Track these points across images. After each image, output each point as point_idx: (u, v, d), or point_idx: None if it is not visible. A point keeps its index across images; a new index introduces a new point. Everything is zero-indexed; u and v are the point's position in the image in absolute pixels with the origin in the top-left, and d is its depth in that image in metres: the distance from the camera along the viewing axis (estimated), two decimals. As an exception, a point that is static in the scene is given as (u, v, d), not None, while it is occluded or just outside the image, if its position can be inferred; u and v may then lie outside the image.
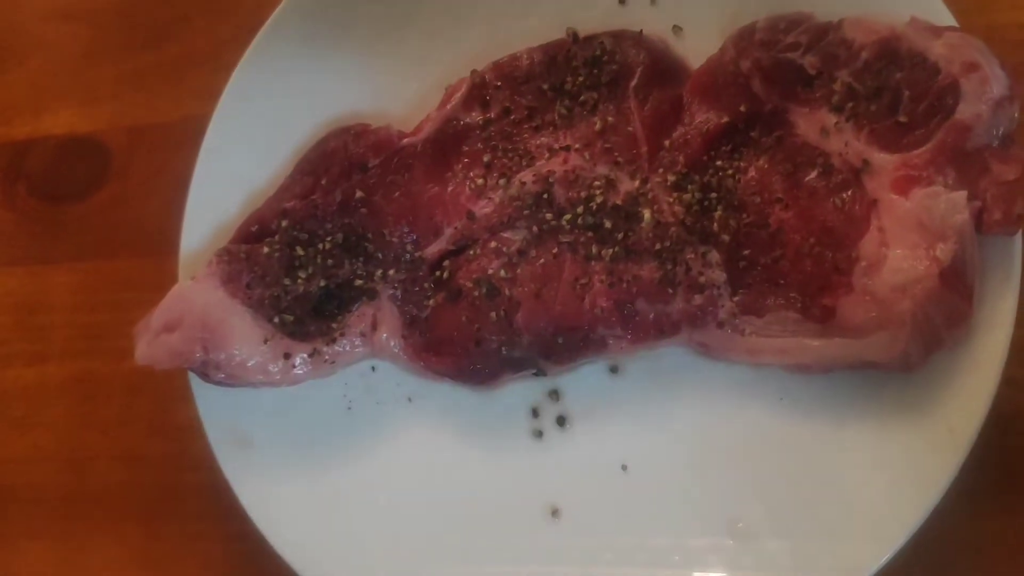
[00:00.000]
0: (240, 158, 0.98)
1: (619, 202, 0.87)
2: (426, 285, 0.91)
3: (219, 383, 0.89)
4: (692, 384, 0.88)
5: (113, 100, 1.15)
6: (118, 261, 1.12)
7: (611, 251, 0.86)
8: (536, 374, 0.90)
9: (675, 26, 0.93)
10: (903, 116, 0.78)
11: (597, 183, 0.88)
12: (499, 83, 0.93)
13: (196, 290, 0.89)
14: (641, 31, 0.91)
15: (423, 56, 0.98)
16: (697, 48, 0.91)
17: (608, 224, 0.86)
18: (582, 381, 0.90)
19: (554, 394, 0.91)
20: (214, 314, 0.88)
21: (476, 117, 0.93)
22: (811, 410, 0.84)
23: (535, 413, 0.91)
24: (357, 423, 0.93)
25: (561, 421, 0.90)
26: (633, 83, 0.89)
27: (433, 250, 0.91)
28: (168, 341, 0.87)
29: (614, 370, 0.90)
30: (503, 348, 0.88)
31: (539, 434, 0.90)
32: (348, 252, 0.91)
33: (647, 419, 0.88)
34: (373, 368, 0.95)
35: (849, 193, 0.81)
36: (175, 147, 1.10)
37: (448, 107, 0.93)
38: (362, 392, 0.94)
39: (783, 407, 0.85)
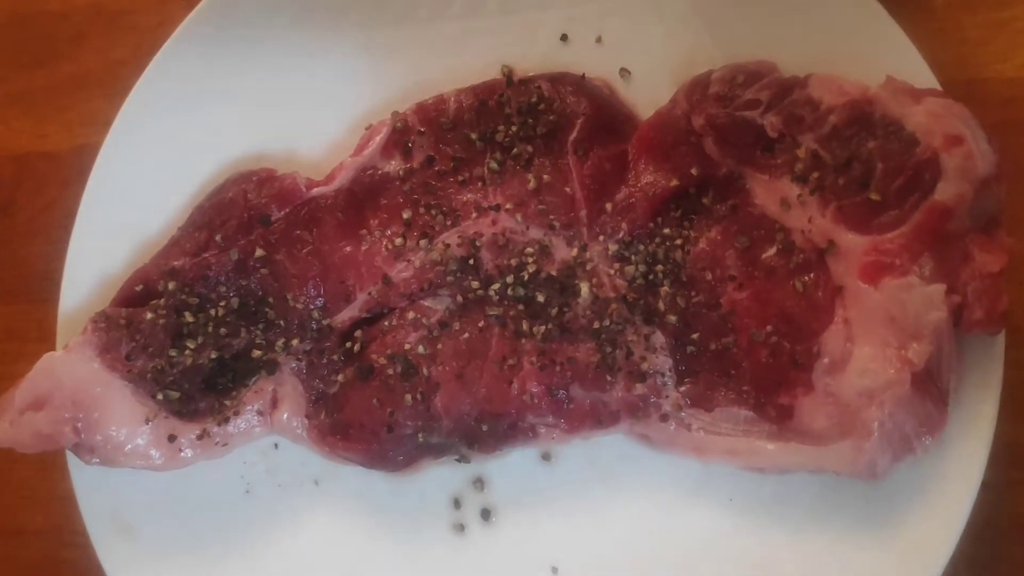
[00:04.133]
0: (131, 200, 0.87)
1: (554, 272, 0.77)
2: (335, 357, 0.80)
3: (95, 465, 0.78)
4: (633, 477, 0.79)
5: (-3, 125, 1.02)
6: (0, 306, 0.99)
7: (543, 328, 0.76)
8: (459, 460, 0.80)
9: (622, 69, 0.82)
10: (875, 193, 0.68)
11: (530, 249, 0.77)
12: (423, 128, 0.82)
13: (67, 362, 0.77)
14: (583, 75, 0.80)
15: (340, 92, 0.87)
16: (646, 95, 0.82)
17: (541, 297, 0.76)
18: (510, 469, 0.81)
19: (478, 483, 0.81)
20: (88, 390, 0.77)
21: (396, 166, 0.82)
22: (764, 515, 0.75)
23: (457, 504, 0.81)
24: (256, 509, 0.83)
25: (486, 514, 0.80)
26: (572, 136, 0.79)
27: (343, 318, 0.80)
28: (34, 421, 0.76)
29: (546, 457, 0.81)
30: (420, 434, 0.77)
31: (460, 528, 0.81)
32: (245, 319, 0.80)
33: (582, 515, 0.79)
34: (276, 445, 0.84)
35: (811, 276, 0.71)
36: (64, 181, 0.99)
37: (365, 153, 0.82)
38: (262, 473, 0.84)
39: (733, 509, 0.76)
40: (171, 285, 0.79)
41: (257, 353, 0.80)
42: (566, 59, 0.83)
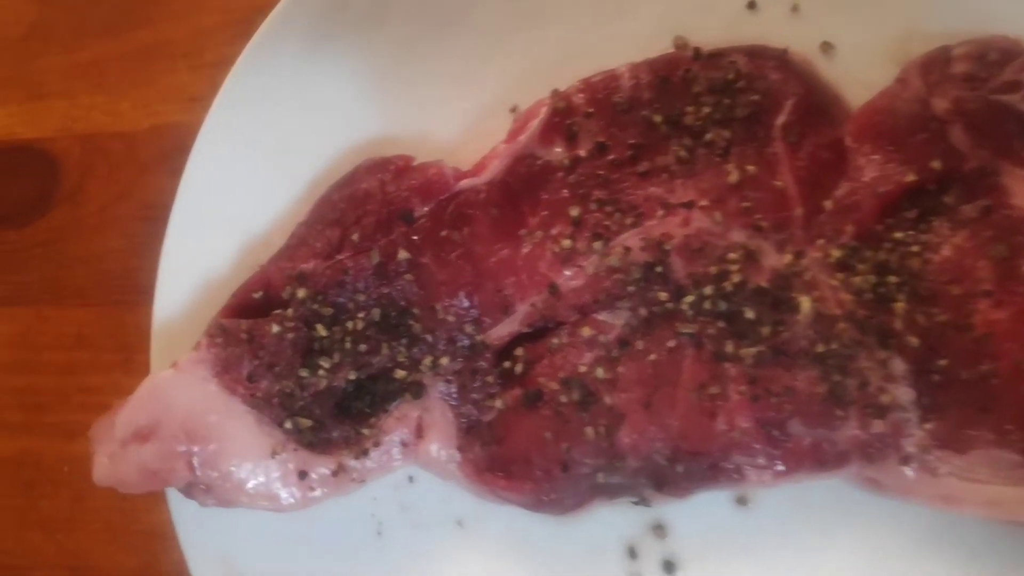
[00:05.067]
0: (235, 189, 0.75)
1: (764, 283, 0.64)
2: (490, 379, 0.68)
3: (210, 506, 0.66)
4: (851, 526, 0.67)
5: (63, 99, 0.89)
6: (67, 309, 0.87)
7: (754, 351, 0.63)
8: (637, 502, 0.68)
9: (824, 42, 0.69)
10: None
11: (732, 255, 0.65)
12: (591, 109, 0.69)
13: (179, 384, 0.66)
14: (786, 50, 0.68)
15: (480, 63, 0.74)
16: (853, 74, 0.69)
17: (749, 313, 0.64)
18: (697, 513, 0.69)
19: (659, 529, 0.70)
20: (204, 418, 0.65)
21: (560, 154, 0.69)
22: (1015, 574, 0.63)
23: (632, 553, 0.70)
24: (389, 554, 0.72)
25: (668, 567, 0.69)
26: (781, 120, 0.66)
27: (501, 333, 0.68)
28: (140, 455, 0.65)
29: (741, 501, 0.69)
30: (599, 474, 0.65)
31: (636, 581, 0.69)
32: (387, 333, 0.68)
33: (785, 570, 0.67)
34: (411, 479, 0.72)
35: (1096, 292, 0.59)
36: (142, 166, 0.87)
37: (520, 139, 0.70)
38: (396, 511, 0.73)
39: (975, 566, 0.64)
40: (301, 292, 0.67)
41: (400, 373, 0.67)
42: (752, 30, 0.71)
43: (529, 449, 0.66)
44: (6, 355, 0.88)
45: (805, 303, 0.63)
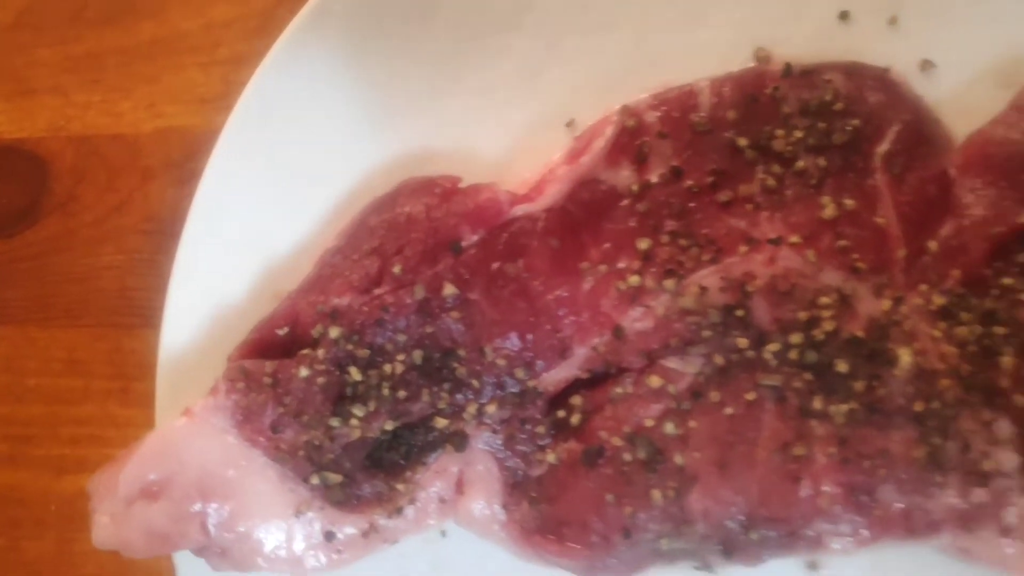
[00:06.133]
0: (257, 206, 0.67)
1: (859, 332, 0.57)
2: (541, 430, 0.61)
3: (226, 571, 0.58)
4: (930, 596, 0.60)
5: (55, 95, 0.80)
6: (56, 330, 0.79)
7: (845, 408, 0.57)
8: (699, 567, 0.61)
9: (925, 60, 0.62)
10: None
11: (825, 299, 0.58)
12: (665, 129, 0.62)
13: (193, 435, 0.59)
14: (888, 68, 0.61)
15: (534, 71, 0.66)
16: (956, 98, 0.62)
17: (842, 366, 0.57)
18: (765, 577, 0.61)
19: (723, 595, 0.62)
20: (220, 473, 0.59)
21: (627, 179, 0.62)
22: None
23: (692, 619, 0.62)
24: (419, 616, 0.64)
25: (732, 636, 0.61)
26: (883, 148, 0.59)
27: (556, 379, 0.61)
28: (147, 516, 0.57)
29: (812, 566, 0.61)
30: (663, 540, 0.58)
31: (699, 652, 0.62)
32: (428, 377, 0.60)
33: (857, 643, 0.60)
34: (443, 533, 0.65)
35: None
36: (144, 173, 0.79)
37: (583, 160, 0.63)
38: (426, 568, 0.66)
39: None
40: (334, 331, 0.59)
41: (441, 422, 0.60)
42: (843, 43, 0.64)
43: (586, 511, 0.59)
44: (-12, 378, 0.79)
45: (905, 356, 0.56)
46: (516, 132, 0.67)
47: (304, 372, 0.58)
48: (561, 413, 0.61)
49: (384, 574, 0.65)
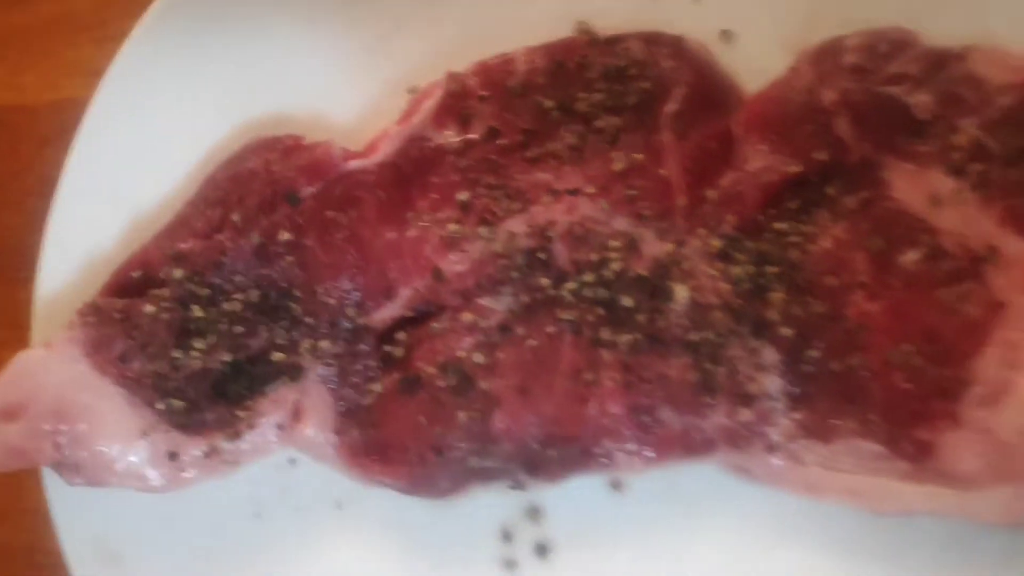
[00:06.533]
0: (125, 165, 0.73)
1: (643, 271, 0.64)
2: (371, 363, 0.67)
3: (79, 485, 0.64)
4: (721, 513, 0.67)
5: (-40, 70, 0.87)
6: (-42, 284, 0.84)
7: (630, 338, 0.63)
8: (512, 487, 0.68)
9: (724, 30, 0.69)
10: (1055, 192, 0.57)
11: (614, 243, 0.65)
12: (486, 93, 0.69)
13: (49, 363, 0.64)
14: (682, 36, 0.68)
15: (379, 45, 0.73)
16: (751, 62, 0.69)
17: (627, 301, 0.64)
18: (572, 497, 0.68)
19: (534, 512, 0.69)
20: (73, 397, 0.64)
21: (452, 138, 0.69)
22: (878, 563, 0.64)
23: (507, 536, 0.69)
24: (267, 535, 0.71)
25: (541, 550, 0.68)
26: (669, 108, 0.66)
27: (383, 316, 0.68)
28: (6, 434, 0.63)
29: (616, 485, 0.69)
30: (473, 458, 0.65)
31: (511, 565, 0.69)
32: (265, 315, 0.67)
33: (656, 555, 0.67)
34: (292, 461, 0.72)
35: (964, 288, 0.60)
36: (42, 140, 0.84)
37: (413, 120, 0.69)
38: (275, 493, 0.71)
39: (839, 553, 0.65)
40: (177, 272, 0.66)
41: (278, 356, 0.67)
42: (655, 16, 0.70)
43: (405, 434, 0.65)
44: None
45: (682, 292, 0.63)
46: (364, 99, 0.74)
47: (150, 309, 0.65)
48: (388, 348, 0.68)
49: (238, 498, 0.71)
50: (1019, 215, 0.58)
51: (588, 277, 0.64)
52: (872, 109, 0.62)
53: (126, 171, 0.73)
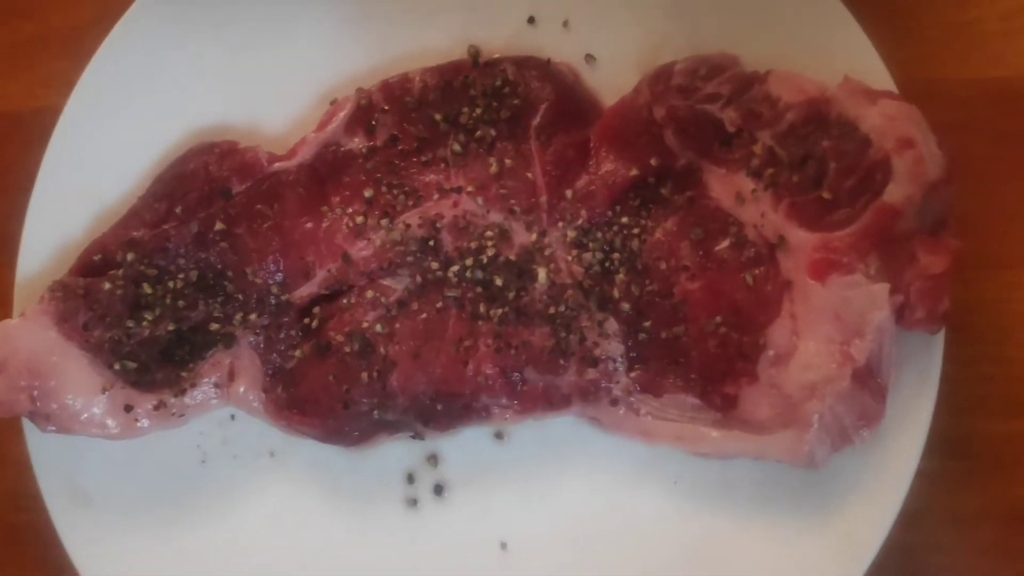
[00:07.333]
0: (92, 166, 0.86)
1: (512, 256, 0.77)
2: (292, 333, 0.81)
3: (51, 432, 0.78)
4: (583, 457, 0.81)
5: (-46, 80, 1.00)
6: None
7: (500, 312, 0.77)
8: (414, 437, 0.81)
9: (588, 54, 0.82)
10: (827, 192, 0.70)
11: (489, 233, 0.78)
12: (387, 106, 0.81)
13: (24, 330, 0.77)
14: (549, 60, 0.81)
15: (305, 66, 0.86)
16: (611, 82, 0.82)
17: (499, 281, 0.77)
18: (463, 446, 0.82)
19: (432, 459, 0.82)
20: (44, 358, 0.77)
21: (359, 144, 0.82)
22: (707, 498, 0.78)
23: (411, 479, 0.82)
24: (211, 479, 0.84)
25: (438, 489, 0.82)
26: (535, 122, 0.79)
27: (302, 294, 0.81)
28: None
29: (499, 436, 0.82)
30: (375, 411, 0.78)
31: (413, 502, 0.82)
32: (203, 292, 0.80)
33: (531, 493, 0.81)
34: (232, 417, 0.85)
35: (762, 270, 0.73)
36: (25, 142, 0.96)
37: (328, 129, 0.82)
38: (218, 443, 0.85)
39: (678, 491, 0.78)
40: (130, 256, 0.79)
41: (215, 326, 0.80)
42: (533, 42, 0.83)
43: (318, 391, 0.79)
44: None
45: (541, 273, 0.76)
46: (292, 110, 0.86)
47: (108, 286, 0.78)
48: (306, 320, 0.81)
49: (187, 448, 0.84)
50: (801, 210, 0.70)
51: (469, 261, 0.78)
52: (692, 123, 0.74)
53: (93, 171, 0.85)
